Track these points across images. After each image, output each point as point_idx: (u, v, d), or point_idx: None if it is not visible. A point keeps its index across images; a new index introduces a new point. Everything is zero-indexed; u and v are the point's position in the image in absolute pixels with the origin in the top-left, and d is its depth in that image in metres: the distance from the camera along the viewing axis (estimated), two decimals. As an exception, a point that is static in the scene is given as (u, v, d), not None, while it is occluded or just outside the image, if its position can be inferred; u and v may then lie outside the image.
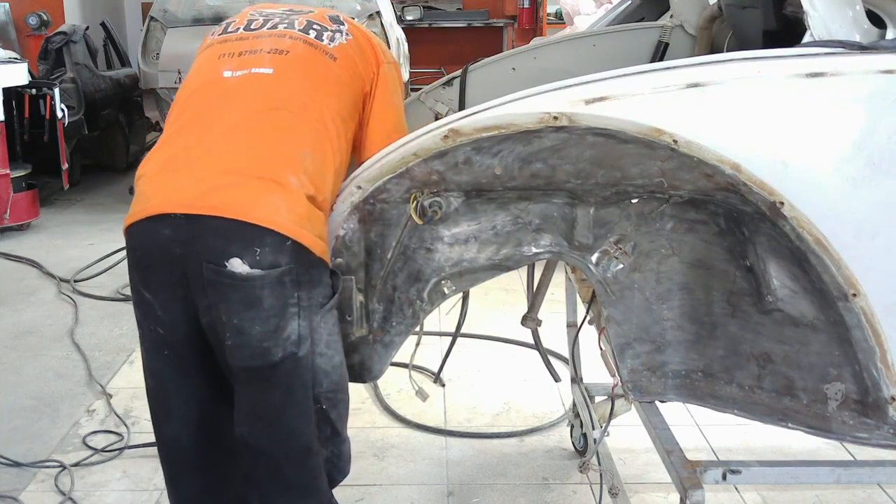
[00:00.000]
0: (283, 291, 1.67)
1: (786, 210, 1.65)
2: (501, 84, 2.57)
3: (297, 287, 1.68)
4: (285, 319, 1.69)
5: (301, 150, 1.73)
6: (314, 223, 1.70)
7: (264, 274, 1.65)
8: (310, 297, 1.71)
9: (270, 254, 1.65)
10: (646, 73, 1.70)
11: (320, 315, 1.74)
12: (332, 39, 1.91)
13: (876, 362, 1.72)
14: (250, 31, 1.93)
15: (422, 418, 3.30)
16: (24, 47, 8.53)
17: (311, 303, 1.71)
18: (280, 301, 1.67)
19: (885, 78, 1.67)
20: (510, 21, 12.77)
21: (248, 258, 1.64)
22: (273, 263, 1.65)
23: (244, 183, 1.67)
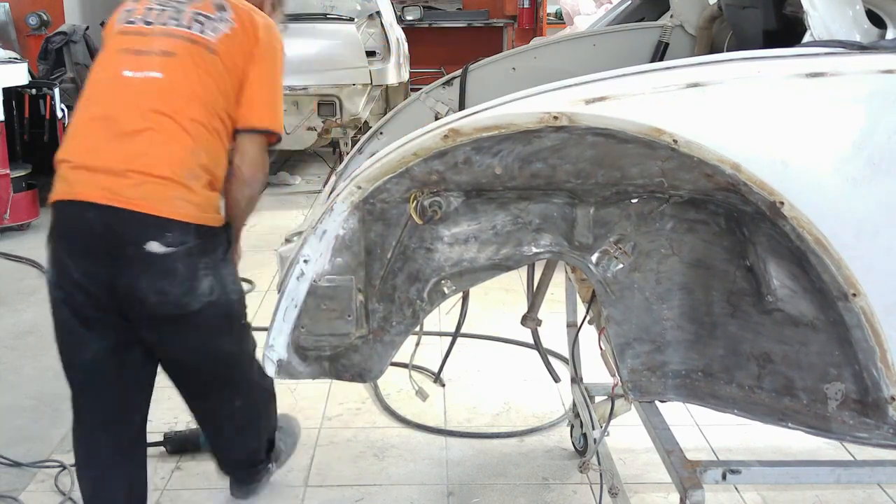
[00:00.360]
0: (192, 261, 2.12)
1: (786, 210, 1.64)
2: (501, 84, 2.57)
3: (202, 255, 2.13)
4: (197, 280, 2.14)
5: (195, 151, 2.10)
6: (210, 204, 2.15)
7: (176, 251, 2.08)
8: (213, 257, 2.17)
9: (179, 236, 2.08)
10: (646, 73, 1.70)
11: (223, 265, 2.21)
12: (214, 31, 2.17)
13: (876, 362, 1.72)
14: (147, 24, 2.18)
15: (422, 418, 3.30)
16: (24, 47, 8.52)
17: (215, 261, 2.18)
18: (191, 268, 2.12)
19: (885, 78, 1.67)
20: (510, 21, 12.77)
21: (162, 241, 2.07)
22: (182, 242, 2.09)
23: (153, 182, 2.05)
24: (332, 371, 1.94)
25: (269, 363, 1.90)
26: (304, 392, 3.48)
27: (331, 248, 1.82)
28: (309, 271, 1.83)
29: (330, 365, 1.93)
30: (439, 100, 2.68)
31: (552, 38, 3.55)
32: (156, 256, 2.07)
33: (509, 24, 12.75)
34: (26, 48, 8.48)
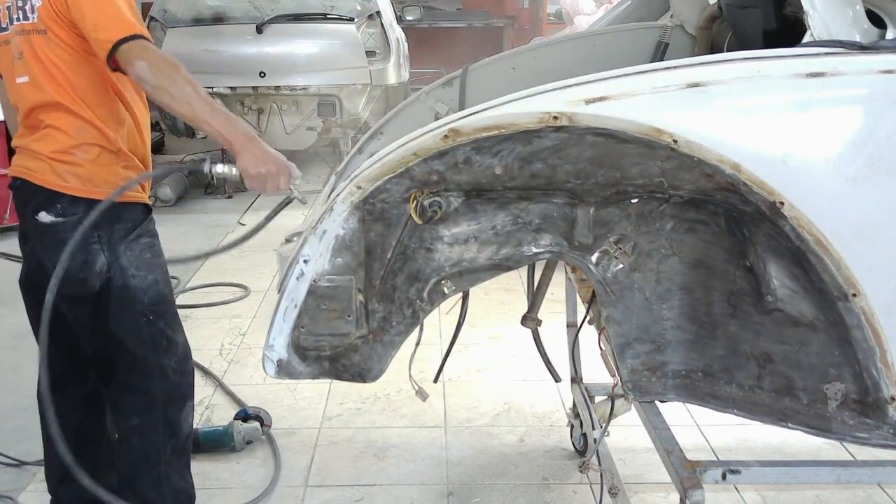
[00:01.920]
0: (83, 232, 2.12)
1: (786, 210, 1.65)
2: (501, 84, 2.57)
3: (95, 227, 2.13)
4: (91, 254, 2.18)
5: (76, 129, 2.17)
6: (101, 177, 2.18)
7: (65, 221, 2.16)
8: (109, 232, 2.19)
9: (68, 207, 2.16)
10: (646, 73, 1.70)
11: (124, 245, 2.21)
12: (32, 11, 2.16)
13: (876, 362, 1.72)
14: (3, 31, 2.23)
15: (422, 418, 3.30)
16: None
17: (111, 237, 2.19)
18: (81, 240, 2.09)
19: (885, 78, 1.67)
20: (510, 21, 12.77)
21: (51, 211, 2.17)
22: (72, 213, 2.16)
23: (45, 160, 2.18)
24: (332, 371, 1.94)
25: (269, 363, 1.90)
26: (304, 392, 3.48)
27: (331, 248, 1.82)
28: (309, 271, 1.83)
29: (330, 365, 1.93)
30: (439, 100, 2.68)
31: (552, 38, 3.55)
32: (46, 227, 2.18)
33: (509, 24, 12.76)
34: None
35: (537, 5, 12.55)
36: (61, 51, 2.16)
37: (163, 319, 2.30)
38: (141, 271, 2.24)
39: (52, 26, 2.15)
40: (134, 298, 2.23)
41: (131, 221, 2.23)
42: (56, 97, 2.17)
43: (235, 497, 2.80)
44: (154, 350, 2.29)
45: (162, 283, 2.29)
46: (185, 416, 2.39)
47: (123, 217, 2.21)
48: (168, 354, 2.32)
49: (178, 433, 2.39)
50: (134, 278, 2.23)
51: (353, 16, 7.14)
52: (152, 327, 2.28)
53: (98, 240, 2.18)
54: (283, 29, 6.73)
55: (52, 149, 2.18)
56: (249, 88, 6.81)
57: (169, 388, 2.34)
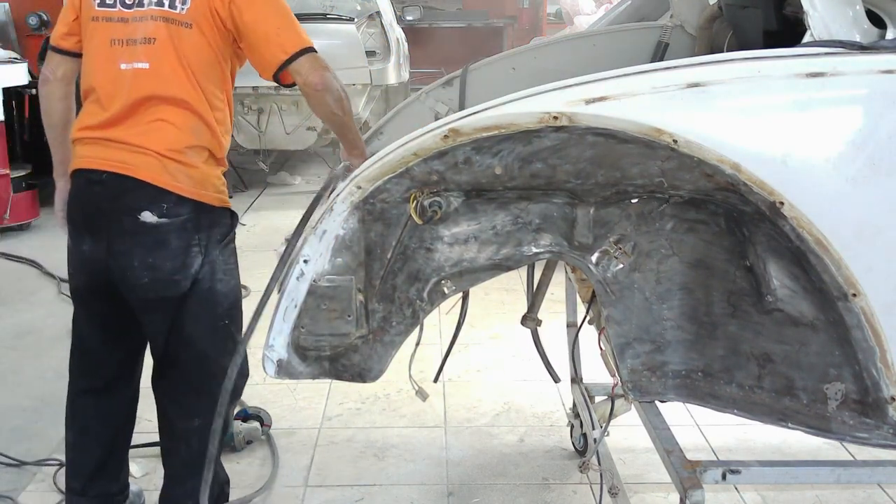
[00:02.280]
0: (185, 235, 2.16)
1: (786, 210, 1.64)
2: (501, 84, 2.57)
3: (197, 230, 2.17)
4: (190, 257, 2.18)
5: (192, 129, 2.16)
6: (209, 181, 2.19)
7: (170, 222, 2.14)
8: (209, 236, 2.20)
9: (174, 207, 2.13)
10: (646, 73, 1.70)
11: (218, 249, 2.23)
12: (183, 2, 2.15)
13: (876, 362, 1.72)
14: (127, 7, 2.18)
15: (422, 418, 3.30)
16: (24, 47, 8.51)
17: (209, 241, 2.21)
18: (184, 242, 2.16)
19: (885, 78, 1.67)
20: (510, 21, 12.78)
21: (156, 211, 2.13)
22: (176, 214, 2.14)
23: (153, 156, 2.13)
24: (332, 371, 1.94)
25: (269, 363, 1.90)
26: (304, 392, 3.48)
27: (331, 248, 1.82)
28: (309, 271, 1.83)
29: (330, 365, 1.93)
30: (439, 100, 2.68)
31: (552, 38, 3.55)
32: (149, 227, 2.13)
33: (509, 24, 12.76)
34: (26, 48, 8.47)
35: (537, 5, 12.56)
36: (203, 50, 2.16)
37: (235, 323, 2.32)
38: (227, 276, 2.26)
39: (202, 23, 2.15)
40: (217, 302, 2.25)
41: (227, 227, 2.26)
42: (181, 93, 2.14)
43: (235, 497, 2.80)
44: (224, 353, 2.25)
45: (238, 288, 2.33)
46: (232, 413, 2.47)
47: (221, 222, 2.24)
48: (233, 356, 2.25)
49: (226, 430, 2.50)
50: (220, 282, 2.24)
51: (353, 16, 7.14)
52: (226, 331, 2.29)
53: (198, 243, 2.18)
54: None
55: (165, 146, 2.13)
56: (249, 88, 6.80)
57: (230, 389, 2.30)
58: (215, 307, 2.25)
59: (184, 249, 2.16)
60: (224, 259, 2.25)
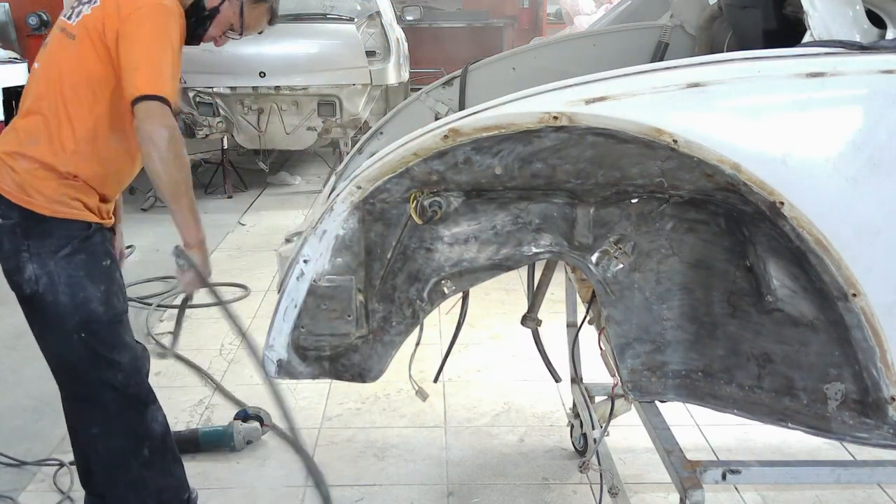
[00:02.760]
0: (15, 240, 2.17)
1: (786, 210, 1.64)
2: (501, 84, 2.57)
3: (26, 237, 2.16)
4: (21, 261, 2.17)
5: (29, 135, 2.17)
6: (35, 188, 2.15)
7: (2, 223, 2.17)
8: (39, 245, 2.16)
9: (4, 210, 2.16)
10: (646, 73, 1.70)
11: (54, 261, 2.17)
12: (78, 14, 2.17)
13: (876, 362, 1.72)
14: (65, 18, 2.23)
15: (422, 418, 3.30)
16: (24, 47, 8.51)
17: (41, 250, 2.16)
18: (14, 247, 2.17)
19: (885, 78, 1.67)
20: (510, 21, 12.77)
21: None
22: (6, 216, 2.16)
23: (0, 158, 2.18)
24: (332, 371, 1.94)
25: (269, 363, 1.90)
26: (304, 392, 3.48)
27: (331, 248, 1.82)
28: (309, 271, 1.83)
29: (330, 365, 1.93)
30: (439, 100, 2.68)
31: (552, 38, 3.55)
32: None
33: (509, 24, 12.76)
34: (26, 48, 8.48)
35: (537, 5, 12.55)
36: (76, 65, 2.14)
37: (96, 337, 2.22)
38: (71, 288, 2.18)
39: (84, 38, 2.14)
40: (63, 315, 2.19)
41: (65, 238, 2.17)
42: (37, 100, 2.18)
43: (235, 497, 2.80)
44: (95, 366, 2.24)
45: (95, 303, 2.20)
46: (151, 419, 2.37)
47: (55, 233, 2.17)
48: (111, 370, 2.26)
49: (149, 436, 2.37)
50: (63, 295, 2.18)
51: (353, 16, 7.14)
52: (86, 345, 2.22)
53: (27, 249, 2.16)
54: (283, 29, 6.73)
55: (4, 150, 2.19)
56: (249, 88, 6.81)
57: (122, 398, 2.30)
58: (63, 319, 2.19)
59: (14, 253, 2.17)
60: (67, 272, 2.17)
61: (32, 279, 2.17)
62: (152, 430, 2.37)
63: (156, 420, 2.38)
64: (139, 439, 2.36)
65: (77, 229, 2.19)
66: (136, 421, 2.34)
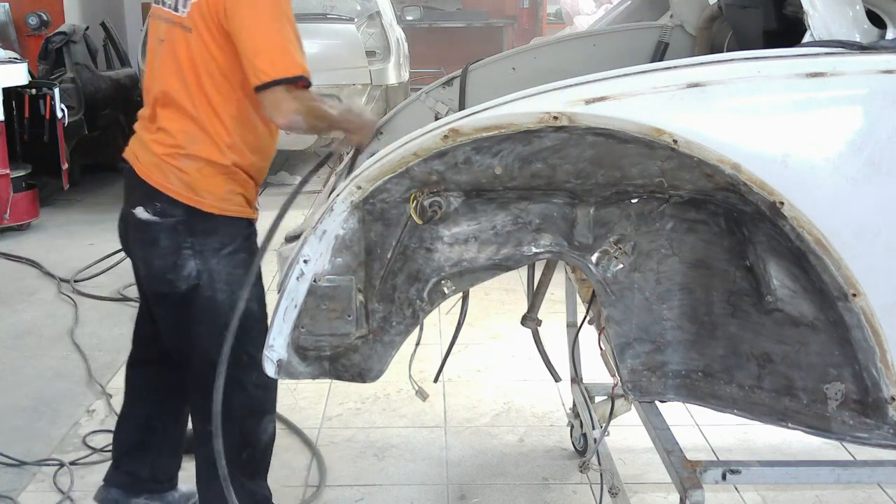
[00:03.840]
0: (176, 236, 2.17)
1: (786, 210, 1.64)
2: (501, 84, 2.56)
3: (189, 234, 2.17)
4: (182, 258, 2.18)
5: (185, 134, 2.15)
6: (204, 187, 2.16)
7: (160, 221, 2.18)
8: (203, 243, 2.18)
9: (166, 207, 2.16)
10: (646, 73, 1.70)
11: (217, 258, 2.19)
12: (185, 4, 2.12)
13: (876, 362, 1.72)
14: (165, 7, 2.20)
15: (422, 418, 3.30)
16: (24, 47, 8.52)
17: (204, 247, 2.18)
18: (174, 243, 2.17)
19: (885, 78, 1.67)
20: (510, 21, 12.78)
21: (149, 208, 2.18)
22: (168, 214, 2.16)
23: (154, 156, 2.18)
24: (332, 371, 1.94)
25: (269, 363, 1.90)
26: (304, 392, 3.48)
27: (331, 248, 1.82)
28: (309, 271, 1.83)
29: (330, 365, 1.93)
30: (439, 100, 2.68)
31: (552, 38, 3.55)
32: (141, 223, 2.19)
33: (509, 24, 12.76)
34: (26, 48, 8.48)
35: (537, 5, 12.55)
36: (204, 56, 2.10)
37: (247, 336, 2.19)
38: (230, 286, 2.20)
39: (201, 27, 2.08)
40: (220, 311, 2.20)
41: (228, 236, 2.21)
42: (178, 97, 2.14)
43: None
44: (235, 364, 2.15)
45: (252, 301, 2.22)
46: (263, 428, 2.39)
47: (219, 231, 2.19)
48: (248, 370, 2.23)
49: (254, 444, 2.40)
50: (222, 292, 2.21)
51: (353, 16, 7.14)
52: (237, 342, 2.15)
53: (190, 247, 2.18)
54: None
55: (163, 148, 2.17)
56: (250, 88, 6.79)
57: (248, 402, 2.33)
58: (217, 316, 2.19)
59: (173, 250, 2.17)
60: (228, 269, 2.20)
61: (193, 275, 2.18)
62: (260, 439, 2.40)
63: (266, 431, 2.41)
64: (244, 445, 2.37)
65: (241, 227, 2.25)
66: (251, 427, 2.37)
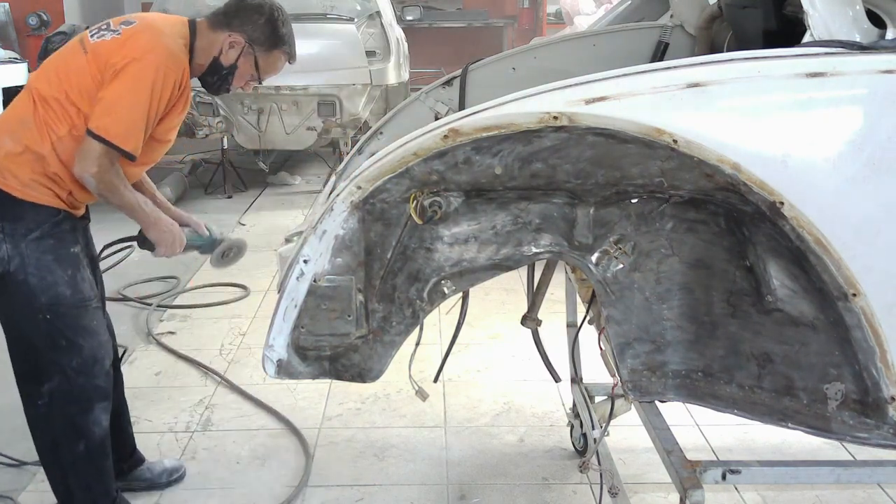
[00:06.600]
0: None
1: (786, 210, 1.64)
2: (501, 84, 2.56)
3: (1, 219, 2.25)
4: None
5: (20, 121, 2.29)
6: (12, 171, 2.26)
7: None
8: (13, 227, 2.26)
9: None
10: (646, 73, 1.70)
11: (25, 243, 2.27)
12: (100, 36, 2.32)
13: (876, 362, 1.72)
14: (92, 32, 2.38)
15: (422, 418, 3.30)
16: (24, 47, 8.53)
17: (15, 232, 2.26)
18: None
19: (885, 78, 1.67)
20: (510, 21, 12.78)
21: None
22: None
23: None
24: (332, 371, 1.94)
25: (269, 363, 1.90)
26: (304, 392, 3.48)
27: (331, 248, 1.82)
28: (309, 271, 1.83)
29: (330, 365, 1.93)
30: (439, 100, 2.68)
31: (552, 38, 3.55)
32: None
33: (509, 24, 12.76)
34: (26, 48, 8.49)
35: (537, 5, 12.56)
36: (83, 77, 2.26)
37: (62, 321, 2.32)
38: (39, 271, 2.28)
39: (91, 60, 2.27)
40: (31, 294, 2.29)
41: (34, 222, 2.28)
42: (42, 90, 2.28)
43: (235, 497, 2.80)
44: (53, 348, 2.33)
45: (63, 286, 2.31)
46: (93, 420, 2.42)
47: (25, 217, 2.27)
48: (68, 355, 2.34)
49: (86, 436, 2.43)
50: (32, 276, 2.28)
51: (353, 16, 7.13)
52: (50, 326, 2.31)
53: (2, 230, 2.26)
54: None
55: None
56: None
57: (69, 389, 2.37)
58: (31, 299, 2.29)
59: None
60: (36, 254, 2.28)
61: (5, 259, 2.26)
62: (92, 431, 2.43)
63: (98, 423, 2.43)
64: (75, 437, 2.42)
65: (46, 215, 2.29)
66: (77, 416, 2.40)
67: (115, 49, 2.26)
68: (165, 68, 2.25)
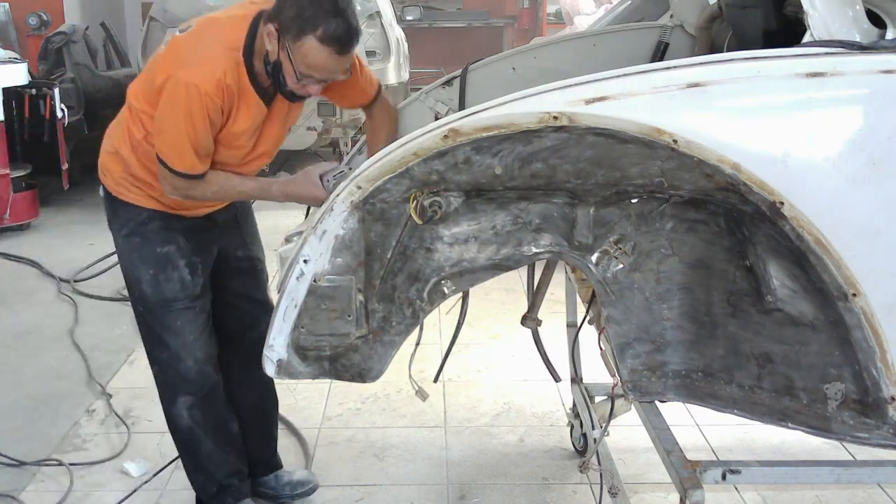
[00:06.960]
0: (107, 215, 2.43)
1: (786, 210, 1.64)
2: (501, 84, 2.56)
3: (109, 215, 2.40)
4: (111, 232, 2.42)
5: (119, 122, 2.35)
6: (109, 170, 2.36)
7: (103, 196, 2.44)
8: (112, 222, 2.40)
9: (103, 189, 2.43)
10: (646, 73, 1.70)
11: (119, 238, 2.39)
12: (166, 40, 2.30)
13: (876, 362, 1.72)
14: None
15: (422, 418, 3.30)
16: (24, 47, 8.53)
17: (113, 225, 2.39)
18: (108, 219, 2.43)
19: (885, 78, 1.67)
20: (510, 21, 12.78)
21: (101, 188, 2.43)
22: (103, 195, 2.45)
23: None
24: (332, 371, 1.94)
25: (269, 363, 1.90)
26: (304, 392, 3.48)
27: (331, 248, 1.82)
28: (309, 271, 1.83)
29: (330, 365, 1.93)
30: (439, 100, 2.68)
31: (552, 38, 3.54)
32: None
33: (509, 24, 12.76)
34: (26, 48, 8.49)
35: (537, 5, 12.56)
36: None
37: (151, 315, 2.41)
38: (128, 266, 2.40)
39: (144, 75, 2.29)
40: (128, 286, 2.45)
41: (125, 219, 2.37)
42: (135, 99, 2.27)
43: (235, 497, 2.80)
44: (148, 339, 2.46)
45: (145, 284, 2.37)
46: (178, 412, 2.47)
47: (119, 213, 2.38)
48: (159, 347, 2.43)
49: (175, 426, 2.52)
50: (126, 270, 2.42)
51: (352, 16, 7.13)
52: (143, 318, 2.44)
53: (112, 227, 2.41)
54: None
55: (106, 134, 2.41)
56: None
57: (162, 379, 2.49)
58: (130, 290, 2.45)
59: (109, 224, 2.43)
60: (126, 250, 2.39)
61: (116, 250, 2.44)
62: (178, 423, 2.51)
63: (181, 415, 2.49)
64: (170, 421, 2.53)
65: (135, 214, 2.36)
66: (167, 406, 2.51)
67: (160, 61, 2.20)
68: (196, 86, 2.06)
